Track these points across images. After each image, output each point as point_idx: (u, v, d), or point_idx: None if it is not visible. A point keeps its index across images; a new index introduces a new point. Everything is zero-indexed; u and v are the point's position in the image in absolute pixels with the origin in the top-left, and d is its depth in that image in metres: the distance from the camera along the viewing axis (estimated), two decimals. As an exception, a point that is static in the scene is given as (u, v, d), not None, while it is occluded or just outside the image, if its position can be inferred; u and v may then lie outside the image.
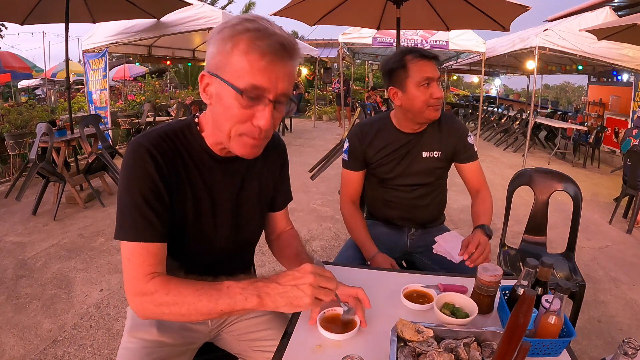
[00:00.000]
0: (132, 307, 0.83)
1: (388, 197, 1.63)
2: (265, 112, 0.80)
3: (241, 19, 0.80)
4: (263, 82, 0.78)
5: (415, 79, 1.39)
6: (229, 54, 0.78)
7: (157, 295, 0.80)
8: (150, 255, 0.83)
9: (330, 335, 0.90)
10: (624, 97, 8.25)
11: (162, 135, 0.89)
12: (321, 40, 15.21)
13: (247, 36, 0.77)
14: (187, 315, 0.79)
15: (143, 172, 0.84)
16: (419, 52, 1.40)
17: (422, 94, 1.40)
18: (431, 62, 1.40)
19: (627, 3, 6.80)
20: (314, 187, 4.82)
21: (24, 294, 2.47)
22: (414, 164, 1.56)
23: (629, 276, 2.89)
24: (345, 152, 1.60)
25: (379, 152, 1.56)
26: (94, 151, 4.40)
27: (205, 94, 0.85)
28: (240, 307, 0.78)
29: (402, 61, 1.41)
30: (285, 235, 1.19)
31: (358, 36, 7.70)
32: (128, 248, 0.83)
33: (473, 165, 1.59)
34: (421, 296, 1.07)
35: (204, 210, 0.95)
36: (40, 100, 10.36)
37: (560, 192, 2.03)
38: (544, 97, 17.20)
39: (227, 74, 0.79)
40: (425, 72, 1.39)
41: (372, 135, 1.56)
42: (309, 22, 4.22)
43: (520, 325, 0.68)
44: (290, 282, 0.79)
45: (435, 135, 1.55)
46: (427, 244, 1.59)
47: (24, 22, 4.60)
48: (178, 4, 4.82)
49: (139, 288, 0.81)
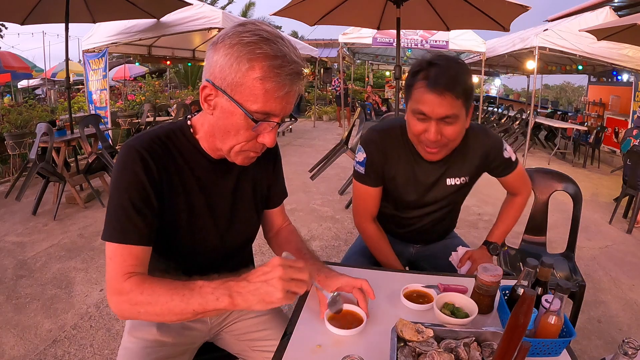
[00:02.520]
0: (111, 306, 0.82)
1: (398, 218, 1.48)
2: (272, 133, 0.84)
3: (256, 36, 0.77)
4: (276, 109, 0.80)
5: (411, 106, 1.16)
6: (243, 76, 0.77)
7: (132, 294, 0.79)
8: (131, 257, 0.83)
9: (337, 331, 0.91)
10: (624, 97, 8.24)
11: (154, 138, 0.89)
12: (321, 40, 15.21)
13: (266, 64, 0.76)
14: (161, 315, 0.78)
15: (133, 176, 0.84)
16: (431, 80, 1.09)
17: (414, 124, 1.17)
18: (439, 96, 1.08)
19: (627, 3, 6.80)
20: (314, 187, 4.82)
21: (24, 294, 2.47)
22: (435, 191, 1.36)
23: (629, 276, 2.89)
24: (360, 164, 1.34)
25: (393, 167, 1.32)
26: (94, 151, 4.40)
27: (207, 105, 0.84)
28: (212, 307, 0.76)
29: (412, 79, 1.15)
30: (283, 231, 1.20)
31: (358, 36, 7.71)
32: (111, 248, 0.83)
33: (512, 176, 1.41)
34: (421, 296, 1.07)
35: (198, 211, 0.95)
36: (40, 100, 10.35)
37: (560, 192, 2.03)
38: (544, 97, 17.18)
39: (239, 95, 0.79)
40: (422, 104, 1.12)
41: (392, 145, 1.31)
42: (309, 22, 4.22)
43: (520, 325, 0.68)
44: (260, 278, 0.75)
45: (461, 159, 1.31)
46: (433, 252, 1.57)
47: (24, 22, 4.60)
48: (178, 4, 4.81)
49: (116, 287, 0.81)
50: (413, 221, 1.46)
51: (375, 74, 18.72)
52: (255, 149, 0.87)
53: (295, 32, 19.88)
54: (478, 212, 4.07)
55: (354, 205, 1.45)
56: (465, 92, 1.11)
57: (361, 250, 1.54)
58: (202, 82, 0.84)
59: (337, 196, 4.52)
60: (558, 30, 5.90)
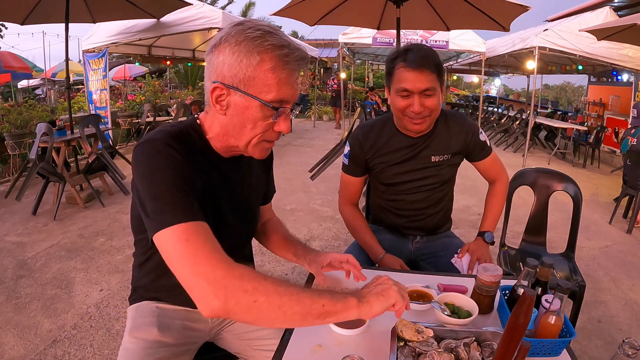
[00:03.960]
0: (210, 294, 0.70)
1: (395, 204, 1.58)
2: (287, 119, 0.88)
3: (260, 30, 0.81)
4: (288, 95, 0.85)
5: (395, 87, 1.35)
6: (255, 69, 0.80)
7: (246, 278, 0.71)
8: (207, 235, 0.76)
9: (339, 331, 0.91)
10: (624, 97, 8.25)
11: (172, 134, 0.87)
12: (321, 40, 15.21)
13: (275, 54, 0.80)
14: (282, 308, 0.71)
15: (171, 159, 0.80)
16: (409, 61, 1.29)
17: (399, 102, 1.35)
18: (417, 73, 1.28)
19: (627, 3, 6.80)
20: (314, 187, 4.82)
21: (24, 294, 2.47)
22: (423, 168, 1.49)
23: (629, 276, 2.89)
24: (345, 156, 1.55)
25: (381, 156, 1.50)
26: (94, 151, 4.40)
27: (220, 105, 0.85)
28: (339, 308, 0.76)
29: (391, 64, 1.36)
30: (270, 222, 1.26)
31: (358, 36, 7.70)
32: (178, 233, 0.73)
33: (487, 160, 1.55)
34: (421, 296, 1.07)
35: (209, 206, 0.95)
36: (40, 100, 10.35)
37: (560, 192, 2.03)
38: (544, 97, 17.21)
39: (252, 89, 0.82)
40: (404, 82, 1.31)
41: (374, 138, 1.50)
42: (309, 22, 4.22)
43: (520, 325, 0.68)
44: (377, 288, 0.84)
45: (444, 138, 1.48)
46: (432, 251, 1.58)
47: (24, 22, 4.60)
48: (178, 4, 4.82)
49: (220, 270, 0.71)
50: (408, 201, 1.56)
51: (375, 74, 18.72)
52: (272, 138, 0.90)
53: (295, 32, 19.88)
54: (478, 212, 4.07)
55: (339, 193, 1.63)
56: (438, 68, 1.32)
57: (360, 249, 1.56)
58: (207, 85, 0.85)
59: (337, 196, 4.52)
60: (558, 30, 5.90)
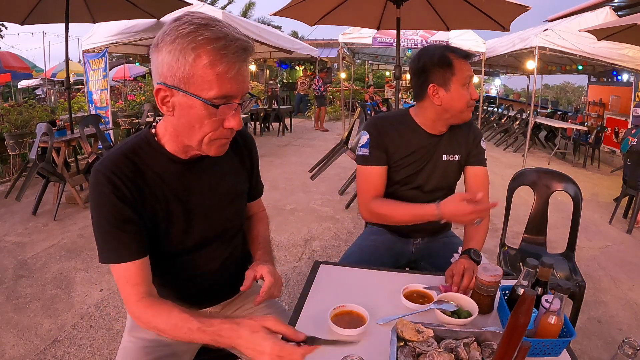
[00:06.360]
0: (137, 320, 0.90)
1: None
2: (236, 115, 0.83)
3: (193, 25, 0.76)
4: (232, 90, 0.79)
5: (461, 78, 1.34)
6: (192, 66, 0.76)
7: (142, 318, 0.87)
8: (131, 273, 0.87)
9: (340, 331, 0.91)
10: (624, 97, 8.25)
11: (120, 157, 0.89)
12: (321, 40, 15.19)
13: (210, 47, 0.75)
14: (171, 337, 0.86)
15: (105, 198, 0.86)
16: (462, 52, 1.36)
17: (465, 93, 1.35)
18: (468, 62, 1.36)
19: (627, 3, 6.80)
20: (314, 187, 4.82)
21: (24, 294, 2.47)
22: (435, 167, 1.47)
23: (629, 276, 2.89)
24: (364, 146, 1.45)
25: (400, 151, 1.44)
26: (94, 151, 4.40)
27: (166, 107, 0.83)
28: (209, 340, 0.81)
29: (446, 58, 1.33)
30: (252, 218, 1.24)
31: (358, 36, 7.70)
32: (113, 270, 0.89)
33: (480, 170, 1.50)
34: (421, 296, 1.07)
35: (176, 218, 0.96)
36: (40, 100, 10.35)
37: (560, 192, 2.03)
38: (544, 97, 17.18)
39: (193, 87, 0.78)
40: (467, 70, 1.35)
41: (393, 130, 1.44)
42: (309, 22, 4.22)
43: (520, 325, 0.68)
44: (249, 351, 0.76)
45: (455, 138, 1.48)
46: (432, 252, 1.57)
47: (24, 22, 4.60)
48: (178, 4, 4.81)
49: (129, 308, 0.89)
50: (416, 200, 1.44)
51: (375, 74, 18.71)
52: (225, 136, 0.86)
53: (295, 32, 19.83)
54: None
55: (359, 193, 1.48)
56: None
57: (360, 250, 1.54)
58: (154, 88, 0.83)
59: (337, 196, 4.52)
60: (558, 30, 5.90)
